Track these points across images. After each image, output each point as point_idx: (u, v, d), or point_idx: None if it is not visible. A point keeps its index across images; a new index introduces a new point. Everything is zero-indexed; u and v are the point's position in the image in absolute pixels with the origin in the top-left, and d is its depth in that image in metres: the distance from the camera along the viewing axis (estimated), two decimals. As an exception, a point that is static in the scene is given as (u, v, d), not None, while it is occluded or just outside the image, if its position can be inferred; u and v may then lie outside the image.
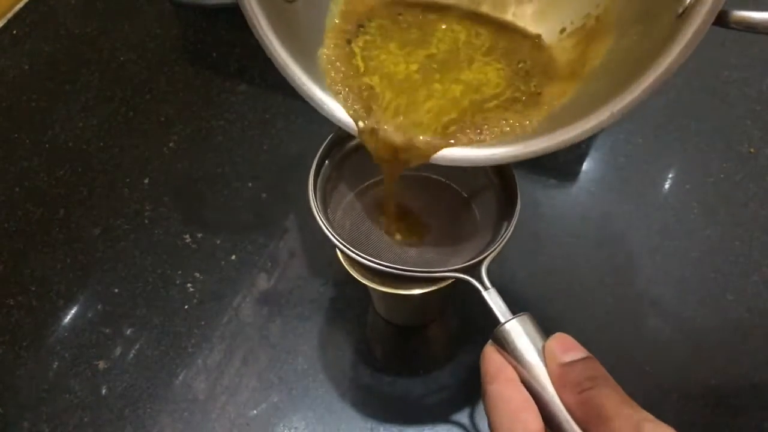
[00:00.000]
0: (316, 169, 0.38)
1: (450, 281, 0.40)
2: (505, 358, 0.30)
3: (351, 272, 0.40)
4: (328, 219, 0.37)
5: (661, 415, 0.45)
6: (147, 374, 0.46)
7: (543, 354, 0.29)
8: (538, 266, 0.50)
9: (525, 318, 0.30)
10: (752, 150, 0.55)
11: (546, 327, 0.29)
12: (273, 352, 0.47)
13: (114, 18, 0.68)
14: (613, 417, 0.26)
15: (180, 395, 0.46)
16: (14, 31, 0.67)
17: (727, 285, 0.48)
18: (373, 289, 0.40)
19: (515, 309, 0.46)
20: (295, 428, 0.44)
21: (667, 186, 0.54)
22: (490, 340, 0.31)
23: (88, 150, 0.58)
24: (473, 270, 0.34)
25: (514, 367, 0.29)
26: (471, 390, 0.45)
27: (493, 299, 0.32)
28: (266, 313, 0.49)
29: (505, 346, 0.30)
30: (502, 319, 0.30)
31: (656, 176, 0.54)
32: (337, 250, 0.41)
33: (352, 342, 0.48)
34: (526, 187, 0.54)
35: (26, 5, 0.69)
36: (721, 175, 0.54)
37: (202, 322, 0.48)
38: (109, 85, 0.63)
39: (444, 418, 0.44)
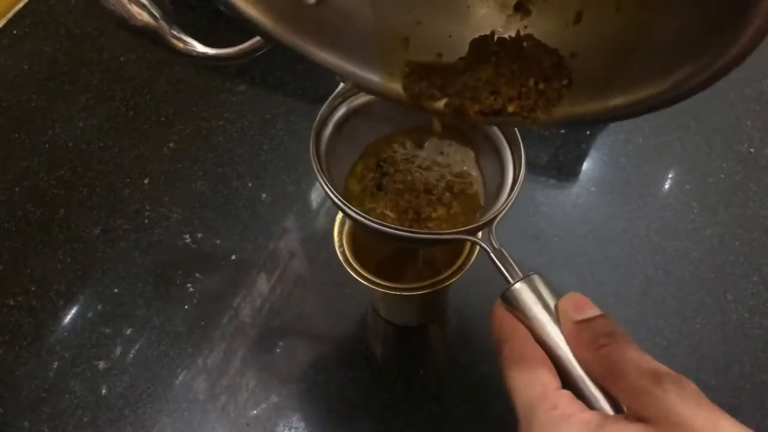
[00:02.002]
0: (318, 124, 0.37)
1: (450, 281, 0.40)
2: (518, 317, 0.29)
3: (351, 272, 0.40)
4: (333, 182, 0.36)
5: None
6: (147, 374, 0.46)
7: (556, 313, 0.29)
8: (538, 265, 0.49)
9: (536, 277, 0.30)
10: (752, 150, 0.55)
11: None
12: (273, 352, 0.47)
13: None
14: (631, 371, 0.26)
15: (180, 395, 0.46)
16: (14, 31, 0.67)
17: (727, 285, 0.48)
18: (373, 289, 0.40)
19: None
20: (295, 428, 0.44)
21: (667, 186, 0.54)
22: (499, 300, 0.30)
23: (88, 150, 0.58)
24: (482, 232, 0.33)
25: (527, 327, 0.29)
26: (471, 390, 0.45)
27: (503, 260, 0.31)
28: (266, 313, 0.49)
29: (516, 306, 0.30)
30: (512, 280, 0.30)
31: (656, 176, 0.54)
32: (338, 254, 0.41)
33: (352, 342, 0.48)
34: (526, 187, 0.53)
35: (26, 5, 0.69)
36: (721, 175, 0.54)
37: (202, 322, 0.48)
38: (109, 85, 0.63)
39: (444, 419, 0.44)
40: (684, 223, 0.51)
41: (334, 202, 0.34)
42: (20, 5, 0.69)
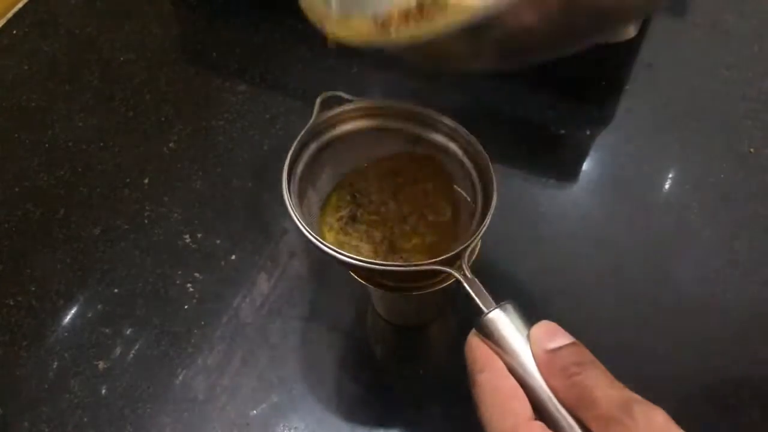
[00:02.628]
0: (289, 167, 0.38)
1: (450, 281, 0.40)
2: (491, 347, 0.30)
3: (351, 272, 0.40)
4: (304, 216, 0.37)
5: (661, 415, 0.44)
6: (147, 374, 0.46)
7: (528, 341, 0.29)
8: (538, 266, 0.50)
9: (508, 306, 0.30)
10: (752, 150, 0.55)
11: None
12: (273, 352, 0.47)
13: (114, 18, 0.68)
14: (601, 400, 0.26)
15: (180, 395, 0.46)
16: (14, 31, 0.67)
17: (727, 285, 0.48)
18: (373, 289, 0.40)
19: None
20: (295, 428, 0.44)
21: (667, 186, 0.54)
22: (473, 330, 0.31)
23: (88, 150, 0.58)
24: (454, 262, 0.33)
25: (500, 356, 0.29)
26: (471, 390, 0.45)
27: (476, 289, 0.32)
28: (266, 313, 0.49)
29: (489, 336, 0.30)
30: (485, 309, 0.30)
31: (656, 176, 0.54)
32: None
33: (352, 342, 0.48)
34: (526, 187, 0.54)
35: (26, 5, 0.69)
36: (721, 175, 0.54)
37: (202, 322, 0.48)
38: (109, 85, 0.63)
39: (444, 418, 0.44)
40: (684, 223, 0.51)
41: (309, 240, 0.35)
42: (20, 5, 0.69)
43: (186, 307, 0.49)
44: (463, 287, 0.32)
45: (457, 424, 0.44)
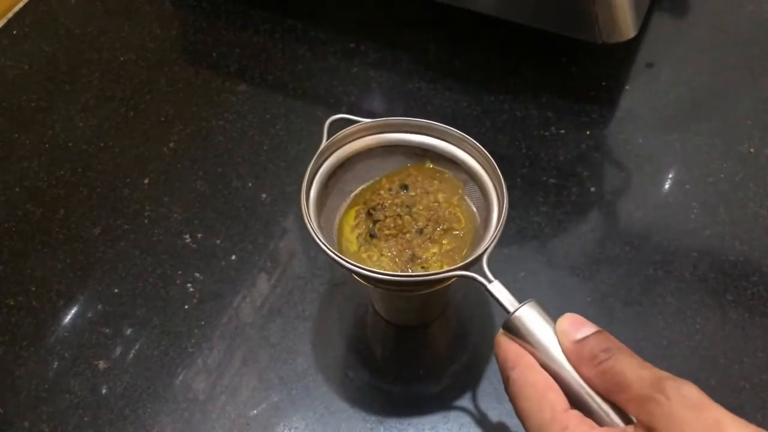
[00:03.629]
0: (306, 192, 0.39)
1: (450, 281, 0.40)
2: (520, 345, 0.31)
3: (351, 272, 0.41)
4: (322, 231, 0.38)
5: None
6: (147, 374, 0.46)
7: (555, 335, 0.30)
8: (538, 266, 0.50)
9: (533, 304, 0.31)
10: (752, 150, 0.55)
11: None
12: (273, 352, 0.47)
13: (114, 18, 0.68)
14: (633, 381, 0.27)
15: (180, 395, 0.46)
16: (14, 31, 0.67)
17: (727, 285, 0.48)
18: (373, 289, 0.40)
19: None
20: (295, 428, 0.44)
21: (667, 186, 0.54)
22: (501, 330, 0.32)
23: (88, 150, 0.58)
24: (474, 266, 0.35)
25: (530, 352, 0.30)
26: (471, 390, 0.45)
27: (499, 291, 0.33)
28: (266, 313, 0.49)
29: (517, 333, 0.31)
30: (511, 309, 0.31)
31: (656, 176, 0.54)
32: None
33: (352, 342, 0.48)
34: (526, 187, 0.54)
35: (26, 5, 0.69)
36: (721, 175, 0.54)
37: (202, 322, 0.48)
38: (109, 85, 0.63)
39: (444, 418, 0.44)
40: (684, 223, 0.51)
41: (332, 259, 0.36)
42: (20, 5, 0.69)
43: (186, 307, 0.49)
44: (487, 290, 0.33)
45: (457, 423, 0.44)
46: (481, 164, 0.40)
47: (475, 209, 0.42)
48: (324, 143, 0.40)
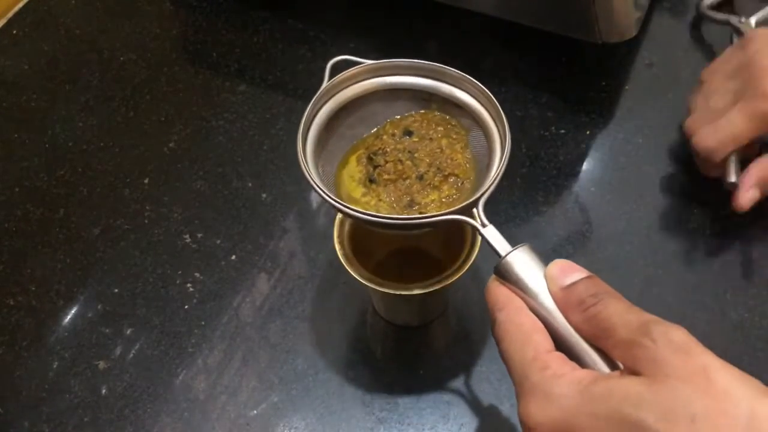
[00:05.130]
0: (303, 132, 0.38)
1: (450, 281, 0.40)
2: (510, 290, 0.30)
3: (351, 272, 0.40)
4: (320, 178, 0.37)
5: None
6: (147, 374, 0.46)
7: (545, 280, 0.29)
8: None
9: (525, 248, 0.31)
10: (752, 150, 0.55)
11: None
12: (273, 352, 0.47)
13: (114, 18, 0.68)
14: (619, 326, 0.27)
15: (180, 395, 0.46)
16: (14, 31, 0.67)
17: (727, 285, 0.48)
18: (373, 289, 0.40)
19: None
20: (295, 428, 0.44)
21: (667, 186, 0.54)
22: (492, 275, 0.31)
23: (88, 150, 0.58)
24: (470, 211, 0.34)
25: (521, 297, 0.30)
26: (471, 390, 0.45)
27: (492, 235, 0.32)
28: (266, 313, 0.49)
29: (508, 278, 0.30)
30: (502, 253, 0.31)
31: (656, 176, 0.54)
32: (338, 254, 0.41)
33: (352, 342, 0.48)
34: (526, 187, 0.54)
35: (26, 5, 0.69)
36: (721, 175, 0.54)
37: (202, 322, 0.48)
38: (109, 85, 0.63)
39: (444, 419, 0.44)
40: (684, 223, 0.51)
41: (325, 200, 0.35)
42: (20, 5, 0.69)
43: (186, 307, 0.49)
44: (480, 233, 0.32)
45: (457, 423, 0.44)
46: (486, 107, 0.40)
47: (479, 156, 0.41)
48: (325, 84, 0.39)
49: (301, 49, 0.64)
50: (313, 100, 0.39)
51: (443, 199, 0.39)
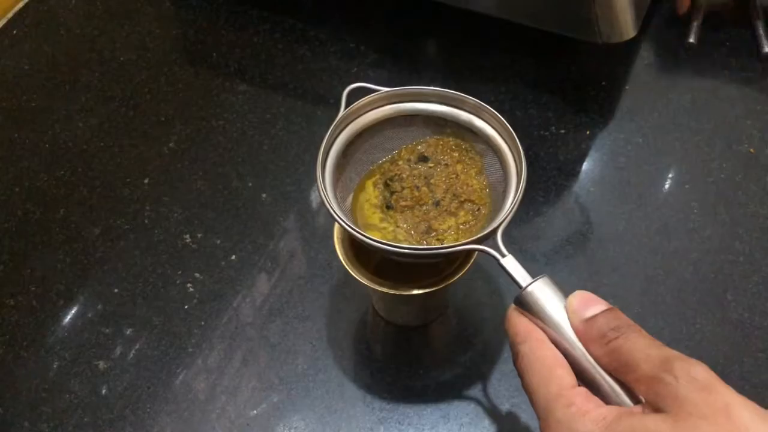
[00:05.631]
0: (322, 160, 0.39)
1: (450, 281, 0.40)
2: (531, 320, 0.30)
3: (351, 272, 0.40)
4: (338, 205, 0.38)
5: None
6: (147, 374, 0.46)
7: (566, 312, 0.30)
8: (537, 266, 0.50)
9: (546, 280, 0.31)
10: (752, 150, 0.55)
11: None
12: (273, 352, 0.47)
13: (114, 18, 0.68)
14: (641, 361, 0.27)
15: (180, 395, 0.46)
16: (14, 31, 0.67)
17: (727, 285, 0.48)
18: (373, 289, 0.40)
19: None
20: (295, 428, 0.44)
21: (667, 186, 0.54)
22: (512, 305, 0.31)
23: (88, 150, 0.58)
24: (489, 240, 0.34)
25: (541, 328, 0.30)
26: (471, 390, 0.45)
27: (512, 265, 0.32)
28: (266, 313, 0.49)
29: (529, 309, 0.30)
30: (523, 284, 0.31)
31: (656, 176, 0.54)
32: (339, 254, 0.41)
33: (352, 342, 0.48)
34: (526, 187, 0.53)
35: (26, 5, 0.69)
36: (721, 175, 0.54)
37: (202, 322, 0.48)
38: (109, 85, 0.63)
39: (444, 419, 0.44)
40: (684, 223, 0.51)
41: (348, 231, 0.36)
42: (20, 5, 0.69)
43: (186, 307, 0.49)
44: (500, 264, 0.32)
45: (457, 424, 0.44)
46: (501, 135, 0.40)
47: (494, 182, 0.41)
48: (342, 112, 0.40)
49: (301, 49, 0.64)
50: (330, 128, 0.39)
51: (460, 226, 0.40)
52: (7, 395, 0.46)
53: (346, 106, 0.40)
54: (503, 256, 0.33)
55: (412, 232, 0.40)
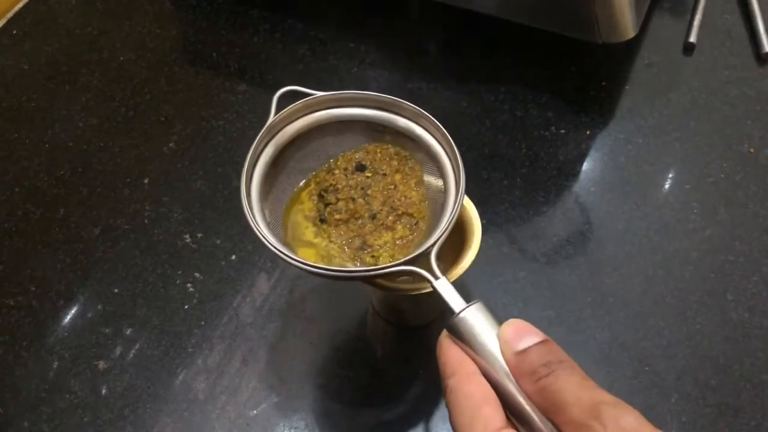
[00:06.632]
0: (248, 169, 0.36)
1: (451, 281, 0.40)
2: (463, 350, 0.28)
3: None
4: (264, 219, 0.36)
5: (660, 416, 0.45)
6: (147, 374, 0.46)
7: (499, 342, 0.27)
8: (538, 266, 0.50)
9: (480, 306, 0.29)
10: (752, 150, 0.55)
11: (545, 328, 0.29)
12: (273, 352, 0.47)
13: (114, 18, 0.68)
14: (570, 404, 0.25)
15: (180, 395, 0.46)
16: (14, 31, 0.67)
17: (727, 285, 0.48)
18: (373, 289, 0.40)
19: (513, 309, 0.46)
20: (295, 428, 0.44)
21: (667, 186, 0.54)
22: (444, 331, 0.29)
23: (88, 150, 0.58)
24: (422, 261, 0.32)
25: (473, 359, 0.28)
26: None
27: (445, 289, 0.30)
28: (266, 313, 0.49)
29: (461, 337, 0.28)
30: (456, 309, 0.29)
31: (656, 176, 0.54)
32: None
33: (352, 342, 0.48)
34: (526, 187, 0.54)
35: (26, 5, 0.69)
36: (721, 175, 0.54)
37: (202, 322, 0.48)
38: (109, 85, 0.63)
39: (444, 419, 0.44)
40: (684, 223, 0.51)
41: (269, 249, 0.33)
42: (20, 5, 0.69)
43: (186, 307, 0.49)
44: (433, 287, 0.30)
45: (457, 424, 0.44)
46: (441, 144, 0.37)
47: (433, 195, 0.39)
48: (271, 118, 0.37)
49: (301, 49, 0.64)
50: (259, 135, 0.37)
51: (396, 241, 0.38)
52: (7, 395, 0.46)
53: (277, 112, 0.38)
54: (436, 278, 0.30)
55: (346, 248, 0.38)
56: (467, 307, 0.28)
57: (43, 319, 0.49)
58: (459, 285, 0.42)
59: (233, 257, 0.51)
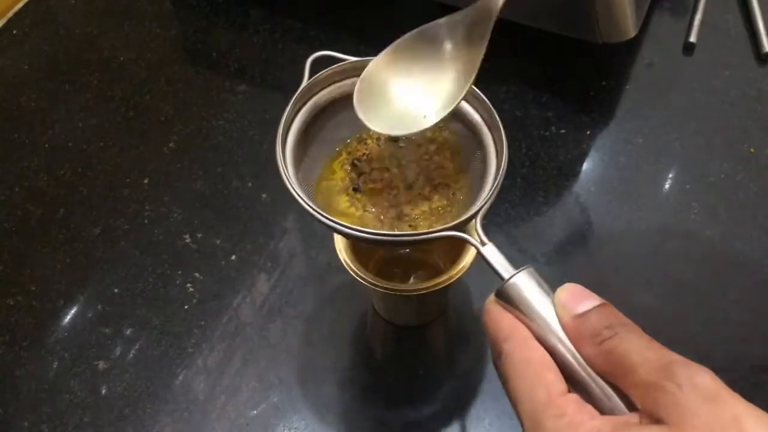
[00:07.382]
0: (282, 135, 0.36)
1: (450, 281, 0.40)
2: (514, 315, 0.27)
3: (351, 272, 0.40)
4: (300, 186, 0.35)
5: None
6: (147, 374, 0.46)
7: (555, 306, 0.27)
8: (538, 266, 0.49)
9: (531, 270, 0.28)
10: (752, 150, 0.55)
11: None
12: (273, 352, 0.47)
13: (114, 18, 0.68)
14: (638, 365, 0.24)
15: (180, 395, 0.46)
16: (14, 31, 0.67)
17: (727, 285, 0.48)
18: (374, 289, 0.40)
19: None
20: (295, 428, 0.44)
21: (667, 186, 0.54)
22: (492, 297, 0.28)
23: (88, 150, 0.58)
24: (466, 227, 0.31)
25: (525, 325, 0.27)
26: (471, 390, 0.45)
27: (493, 255, 0.29)
28: (266, 313, 0.49)
29: (512, 303, 0.27)
30: (506, 275, 0.28)
31: (656, 176, 0.54)
32: (339, 254, 0.41)
33: (352, 342, 0.48)
34: (526, 187, 0.54)
35: (26, 5, 0.69)
36: (721, 175, 0.54)
37: (202, 322, 0.48)
38: (109, 85, 0.63)
39: (444, 419, 0.44)
40: (684, 223, 0.51)
41: (307, 212, 0.32)
42: (20, 5, 0.69)
43: (186, 307, 0.49)
44: (480, 252, 0.29)
45: (458, 424, 0.44)
46: (481, 115, 0.36)
47: (471, 165, 0.37)
48: (304, 83, 0.36)
49: (301, 49, 0.64)
50: (292, 100, 0.36)
51: (434, 211, 0.37)
52: (7, 395, 0.46)
53: (310, 77, 0.36)
54: (483, 244, 0.29)
55: (382, 217, 0.36)
56: (518, 272, 0.28)
57: (43, 319, 0.49)
58: (459, 283, 0.42)
59: (233, 257, 0.51)
